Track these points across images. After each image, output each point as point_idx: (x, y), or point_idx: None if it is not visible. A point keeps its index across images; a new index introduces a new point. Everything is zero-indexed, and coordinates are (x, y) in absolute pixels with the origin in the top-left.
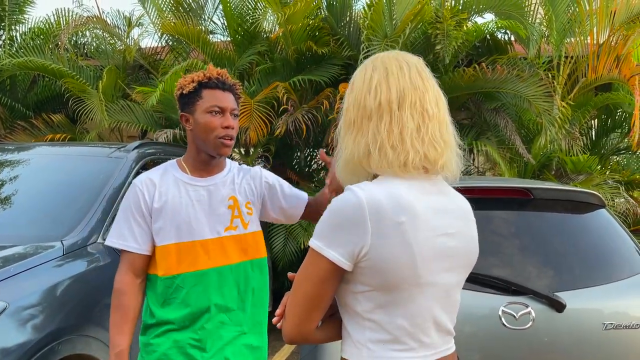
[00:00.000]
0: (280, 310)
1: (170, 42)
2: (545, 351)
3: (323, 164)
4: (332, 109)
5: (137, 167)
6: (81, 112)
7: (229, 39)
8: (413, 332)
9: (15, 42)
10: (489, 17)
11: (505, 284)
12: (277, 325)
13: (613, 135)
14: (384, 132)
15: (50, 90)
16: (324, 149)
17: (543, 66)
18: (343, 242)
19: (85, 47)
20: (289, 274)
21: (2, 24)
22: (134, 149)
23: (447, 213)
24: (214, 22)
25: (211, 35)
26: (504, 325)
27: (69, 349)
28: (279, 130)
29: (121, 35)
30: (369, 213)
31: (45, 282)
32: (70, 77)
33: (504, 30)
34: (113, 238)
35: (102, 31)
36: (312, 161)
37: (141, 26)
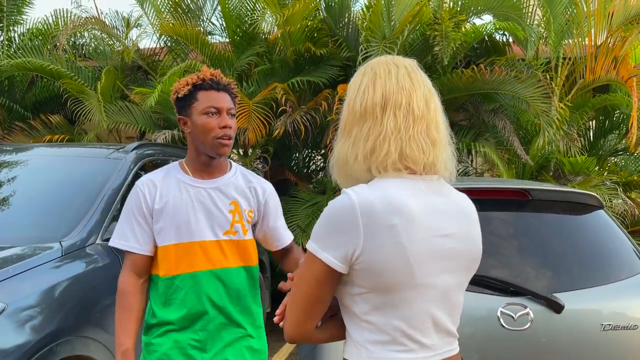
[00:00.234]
0: (280, 309)
1: (169, 43)
2: (543, 352)
3: (321, 164)
4: (330, 110)
5: (136, 168)
6: (79, 113)
7: (228, 40)
8: (411, 333)
9: (13, 43)
10: (487, 18)
11: (504, 285)
12: (279, 324)
13: (611, 136)
14: (364, 137)
15: (49, 91)
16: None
17: (541, 67)
18: (336, 244)
19: (83, 48)
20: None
21: (1, 24)
22: (133, 150)
23: (445, 214)
24: (213, 23)
25: (210, 36)
26: (503, 326)
27: (68, 350)
28: (277, 131)
29: (120, 36)
30: (361, 216)
31: (44, 283)
32: (68, 78)
33: (502, 32)
34: (116, 239)
35: (101, 32)
36: (310, 162)
37: (140, 27)
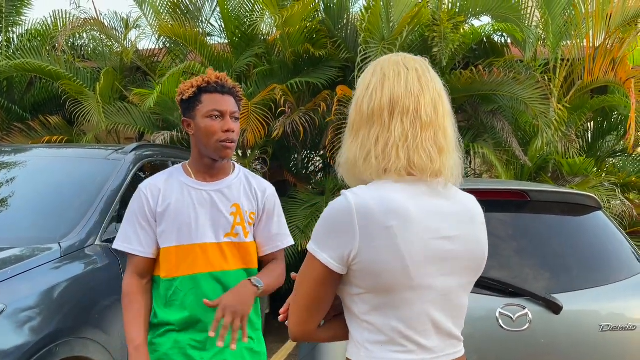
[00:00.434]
0: (285, 308)
1: (168, 44)
2: (542, 353)
3: (320, 165)
4: (329, 111)
5: (135, 169)
6: (78, 114)
7: (227, 41)
8: (409, 334)
9: (12, 44)
10: (486, 20)
11: (503, 285)
12: (285, 322)
13: (609, 137)
14: (372, 141)
15: (47, 92)
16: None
17: (539, 69)
18: (334, 245)
19: (82, 49)
20: (292, 274)
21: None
22: (132, 151)
23: (445, 216)
24: (212, 25)
25: (209, 38)
26: (501, 327)
27: (67, 351)
28: (276, 133)
29: (118, 37)
30: (357, 217)
31: (42, 284)
32: (67, 79)
33: (501, 33)
34: (119, 242)
35: (100, 33)
36: (309, 163)
37: (138, 28)
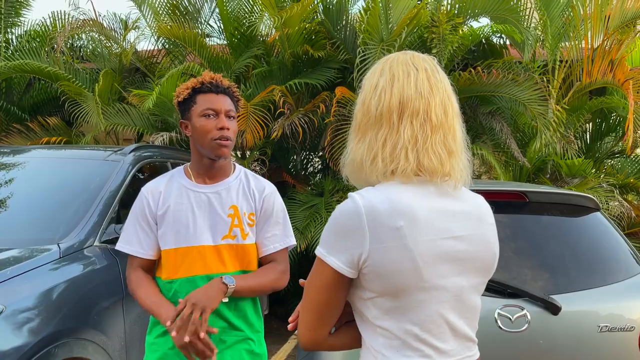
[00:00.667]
0: (294, 316)
1: (167, 45)
2: (540, 354)
3: (319, 167)
4: (328, 112)
5: (134, 170)
6: (77, 115)
7: (226, 43)
8: (425, 337)
9: (11, 45)
10: (485, 21)
11: (501, 286)
12: (294, 331)
13: (607, 138)
14: (380, 143)
15: (46, 93)
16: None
17: (538, 70)
18: (343, 249)
19: (81, 50)
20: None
21: None
22: (131, 152)
23: (454, 216)
24: (211, 26)
25: (208, 39)
26: (500, 328)
27: (66, 352)
28: (275, 134)
29: (117, 38)
30: (366, 220)
31: (41, 285)
32: (66, 80)
33: (500, 35)
34: (121, 243)
35: (99, 34)
36: (308, 164)
37: (138, 29)
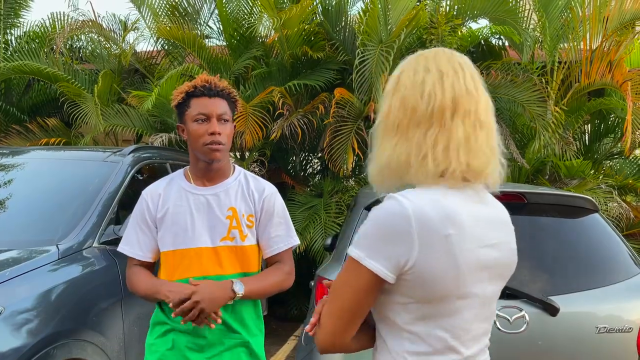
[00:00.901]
0: (314, 319)
1: (166, 47)
2: (539, 354)
3: (318, 168)
4: (327, 113)
5: (133, 171)
6: (76, 116)
7: (225, 44)
8: (453, 345)
9: (10, 46)
10: (484, 22)
11: None
12: (312, 334)
13: (606, 140)
14: (430, 142)
15: (45, 94)
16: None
17: (537, 71)
18: (387, 254)
19: (80, 51)
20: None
21: None
22: (130, 153)
23: (488, 223)
24: (210, 27)
25: (207, 40)
26: (499, 328)
27: (65, 353)
28: (274, 135)
29: (117, 39)
30: (415, 225)
31: (40, 286)
32: (65, 81)
33: (498, 36)
34: (122, 244)
35: (98, 35)
36: (307, 165)
37: (137, 30)
